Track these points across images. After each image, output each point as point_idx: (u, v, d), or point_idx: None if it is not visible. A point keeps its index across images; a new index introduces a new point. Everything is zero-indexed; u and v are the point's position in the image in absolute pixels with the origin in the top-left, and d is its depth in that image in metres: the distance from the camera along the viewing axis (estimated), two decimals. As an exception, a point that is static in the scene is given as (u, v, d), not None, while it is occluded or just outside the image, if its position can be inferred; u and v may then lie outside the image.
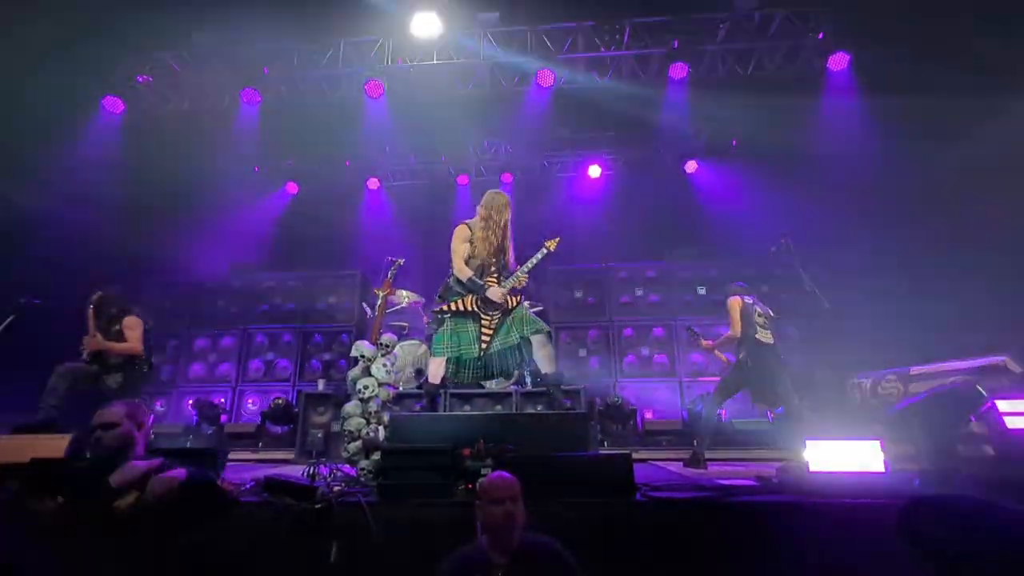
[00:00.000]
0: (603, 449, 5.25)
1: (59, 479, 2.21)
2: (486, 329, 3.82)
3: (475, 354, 3.81)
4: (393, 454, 2.76)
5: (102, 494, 2.08)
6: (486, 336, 3.81)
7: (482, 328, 3.83)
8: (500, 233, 3.96)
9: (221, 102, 7.63)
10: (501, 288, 3.83)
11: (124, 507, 2.04)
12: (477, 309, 3.84)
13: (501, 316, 3.86)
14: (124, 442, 2.25)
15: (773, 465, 3.50)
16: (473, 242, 3.96)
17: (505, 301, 3.85)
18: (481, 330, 3.83)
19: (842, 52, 6.60)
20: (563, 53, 6.99)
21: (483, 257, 3.92)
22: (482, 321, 3.84)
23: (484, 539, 1.96)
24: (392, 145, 9.05)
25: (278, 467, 4.40)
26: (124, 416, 2.26)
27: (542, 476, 2.53)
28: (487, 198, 4.04)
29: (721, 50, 6.98)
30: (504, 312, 3.87)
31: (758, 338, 4.33)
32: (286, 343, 7.38)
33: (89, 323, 4.22)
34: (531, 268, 3.92)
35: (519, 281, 3.89)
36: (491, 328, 3.83)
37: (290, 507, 2.46)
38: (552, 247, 3.98)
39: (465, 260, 3.93)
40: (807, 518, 2.38)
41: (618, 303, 7.19)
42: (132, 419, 2.27)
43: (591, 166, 8.96)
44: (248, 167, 9.03)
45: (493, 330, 3.83)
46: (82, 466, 2.25)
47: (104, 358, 4.22)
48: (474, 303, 3.85)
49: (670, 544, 2.38)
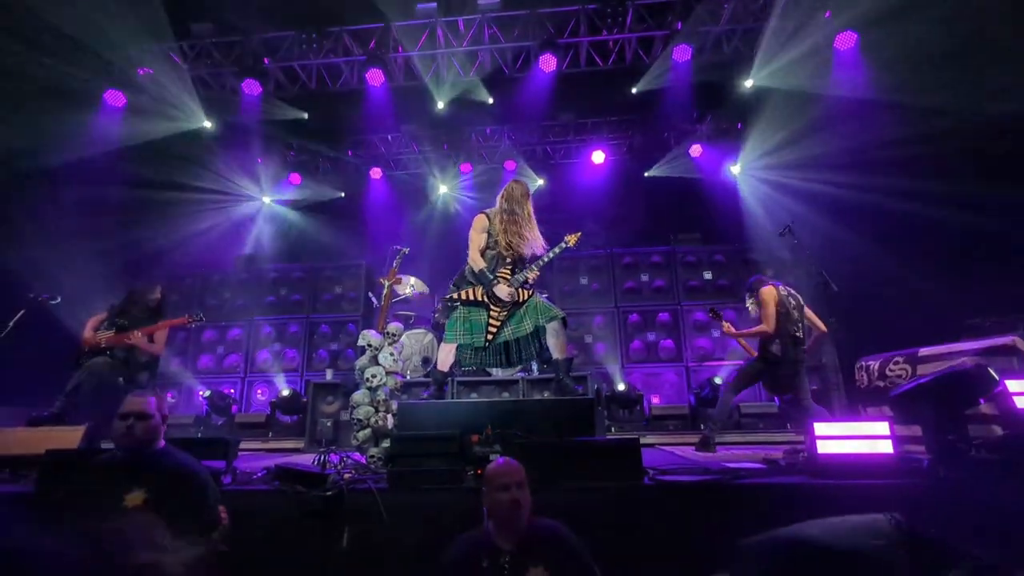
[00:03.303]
0: (610, 435, 5.28)
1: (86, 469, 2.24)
2: (493, 320, 3.82)
3: (480, 343, 3.82)
4: (402, 441, 2.78)
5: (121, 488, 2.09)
6: (493, 327, 3.81)
7: (490, 319, 3.84)
8: (524, 223, 3.89)
9: (222, 93, 7.59)
10: (509, 287, 3.80)
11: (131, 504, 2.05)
12: (486, 300, 3.85)
13: (512, 307, 3.85)
14: (154, 434, 2.27)
15: (781, 448, 3.51)
16: (492, 233, 3.91)
17: (515, 296, 3.82)
18: (489, 321, 3.83)
19: (850, 31, 6.47)
20: (565, 37, 6.90)
21: (501, 248, 3.88)
22: (490, 312, 3.84)
23: (490, 524, 1.98)
24: (394, 134, 9.02)
25: (288, 456, 4.46)
26: (156, 408, 2.28)
27: (550, 461, 2.55)
28: (507, 189, 3.98)
29: (725, 31, 6.87)
30: (515, 304, 3.85)
31: (796, 335, 4.14)
32: (293, 333, 7.43)
33: None
34: (546, 263, 3.89)
35: (531, 275, 3.84)
36: (498, 320, 3.82)
37: (302, 495, 2.49)
38: (573, 242, 3.93)
39: (481, 251, 3.90)
40: (815, 500, 2.39)
41: (623, 289, 7.18)
42: (159, 411, 2.30)
43: (595, 152, 8.89)
44: (251, 158, 9.02)
45: (500, 322, 3.82)
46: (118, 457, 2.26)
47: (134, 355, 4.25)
48: (483, 294, 3.85)
49: (678, 527, 2.40)
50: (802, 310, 4.33)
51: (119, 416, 2.23)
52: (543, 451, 2.63)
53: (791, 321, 4.19)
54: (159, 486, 2.10)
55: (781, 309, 4.21)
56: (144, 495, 2.07)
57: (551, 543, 1.92)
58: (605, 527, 2.34)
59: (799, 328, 4.22)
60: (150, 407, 2.26)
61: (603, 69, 7.15)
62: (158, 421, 2.29)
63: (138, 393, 2.34)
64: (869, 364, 4.07)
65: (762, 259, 7.08)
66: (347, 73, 7.43)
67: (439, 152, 9.22)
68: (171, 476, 2.16)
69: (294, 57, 7.23)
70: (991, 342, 3.40)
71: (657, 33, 6.87)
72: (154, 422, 2.26)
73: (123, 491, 2.06)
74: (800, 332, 4.22)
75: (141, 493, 2.07)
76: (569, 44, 6.99)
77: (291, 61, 7.26)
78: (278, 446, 5.22)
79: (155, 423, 2.27)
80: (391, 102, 7.59)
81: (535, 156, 9.25)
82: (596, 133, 9.01)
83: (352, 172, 9.48)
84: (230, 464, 2.92)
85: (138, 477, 2.12)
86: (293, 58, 7.23)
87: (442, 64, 7.25)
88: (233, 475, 2.84)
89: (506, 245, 3.86)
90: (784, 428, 5.40)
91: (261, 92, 7.30)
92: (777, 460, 2.98)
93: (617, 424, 5.75)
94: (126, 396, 2.31)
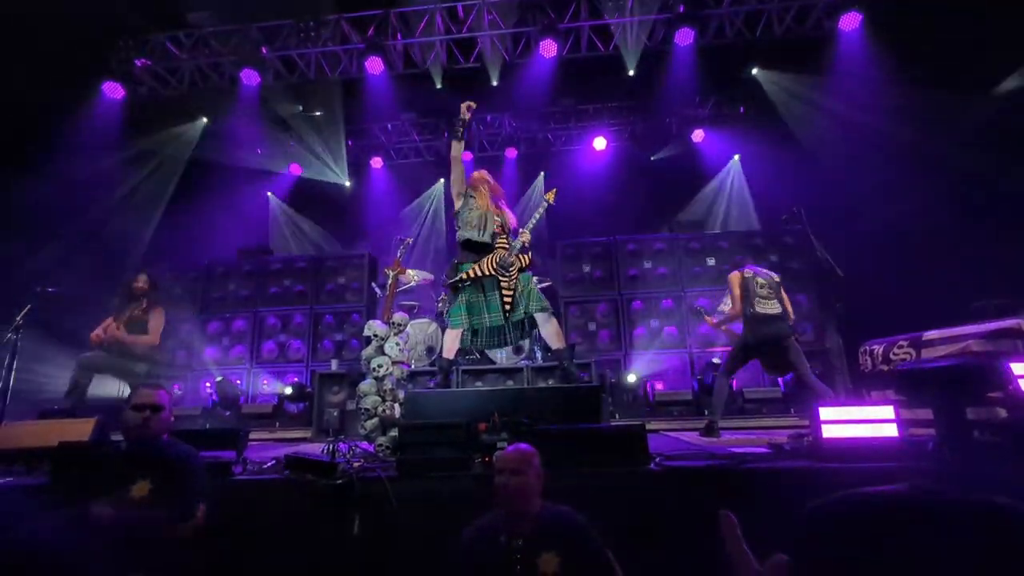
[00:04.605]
0: (615, 421, 5.31)
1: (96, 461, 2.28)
2: (507, 291, 3.86)
3: (497, 321, 3.89)
4: (410, 430, 2.81)
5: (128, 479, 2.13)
6: (508, 297, 3.85)
7: (503, 292, 3.86)
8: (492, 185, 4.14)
9: (221, 84, 7.54)
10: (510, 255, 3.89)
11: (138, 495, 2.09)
12: (494, 272, 3.87)
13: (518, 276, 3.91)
14: (165, 427, 2.31)
15: (786, 432, 3.53)
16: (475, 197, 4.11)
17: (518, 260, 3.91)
18: (503, 294, 3.86)
19: (854, 11, 6.39)
20: (565, 22, 6.82)
21: (483, 210, 4.02)
22: (501, 283, 3.86)
23: (502, 510, 2.00)
24: (394, 123, 8.97)
25: (297, 446, 4.50)
26: (167, 402, 2.32)
27: (557, 447, 2.57)
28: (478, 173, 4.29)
29: (729, 13, 6.77)
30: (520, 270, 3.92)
31: (758, 311, 4.34)
32: (297, 324, 7.46)
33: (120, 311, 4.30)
34: (535, 224, 4.04)
35: (525, 238, 3.98)
36: (511, 289, 3.87)
37: (313, 483, 2.52)
38: (551, 199, 4.10)
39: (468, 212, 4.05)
40: (821, 484, 2.40)
41: (627, 276, 7.17)
42: (168, 405, 2.33)
43: (596, 138, 8.83)
44: (251, 149, 8.99)
45: (513, 291, 3.87)
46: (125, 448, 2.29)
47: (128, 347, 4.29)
48: (490, 265, 3.88)
49: (684, 512, 2.42)
50: (776, 289, 4.46)
51: (133, 407, 2.25)
52: (550, 437, 2.66)
53: (753, 302, 4.36)
54: (164, 476, 2.15)
55: (744, 292, 4.42)
56: (150, 485, 2.12)
57: (563, 529, 1.94)
58: (613, 513, 2.36)
59: (767, 307, 4.36)
60: (162, 399, 2.29)
61: (604, 54, 7.08)
62: (169, 414, 2.33)
63: (149, 385, 2.37)
64: (873, 348, 4.08)
65: (766, 244, 7.05)
66: (346, 61, 7.36)
67: (440, 140, 9.17)
68: (175, 467, 2.20)
69: (292, 46, 7.16)
70: (996, 325, 3.40)
71: (659, 16, 6.78)
72: (165, 414, 2.30)
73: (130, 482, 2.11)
74: (768, 311, 4.34)
75: (147, 483, 2.12)
76: (570, 29, 6.91)
77: (289, 50, 7.19)
78: (286, 436, 5.26)
79: (166, 415, 2.31)
80: (391, 90, 7.54)
81: (536, 143, 9.19)
82: (597, 119, 8.95)
83: (353, 161, 9.45)
84: (240, 454, 2.96)
85: (143, 468, 2.16)
86: (291, 47, 7.17)
87: (441, 51, 7.18)
88: (244, 465, 2.87)
89: (495, 212, 4.03)
90: (788, 413, 5.42)
91: (260, 82, 7.26)
92: (782, 444, 2.99)
93: (621, 410, 5.78)
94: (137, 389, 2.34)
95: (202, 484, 2.24)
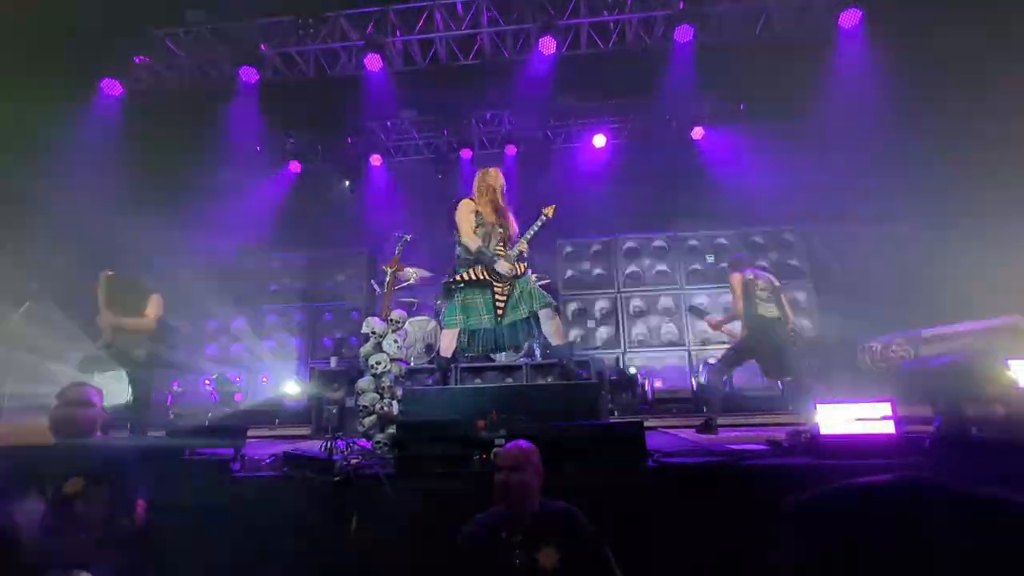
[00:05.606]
0: (613, 418, 5.31)
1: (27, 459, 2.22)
2: (500, 297, 3.88)
3: (491, 324, 3.90)
4: (409, 427, 2.81)
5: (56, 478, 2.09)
6: (500, 303, 3.87)
7: (496, 297, 3.88)
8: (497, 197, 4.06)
9: (220, 81, 7.52)
10: (508, 262, 3.89)
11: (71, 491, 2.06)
12: (488, 277, 3.89)
13: (512, 282, 3.92)
14: (96, 423, 2.27)
15: (783, 429, 3.53)
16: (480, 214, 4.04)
17: (515, 270, 3.92)
18: (495, 299, 3.88)
19: (854, 8, 6.37)
20: (565, 19, 6.80)
21: (488, 228, 4.00)
22: (495, 289, 3.89)
23: (502, 506, 2.00)
24: (393, 120, 8.94)
25: (295, 443, 4.50)
26: (96, 398, 2.27)
27: (555, 445, 2.56)
28: (487, 175, 4.15)
29: (729, 10, 6.76)
30: (515, 278, 3.92)
31: (760, 314, 4.38)
32: (297, 322, 7.47)
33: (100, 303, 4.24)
34: (531, 236, 4.03)
35: (523, 247, 3.98)
36: (504, 295, 3.89)
37: (310, 480, 2.53)
38: (550, 214, 4.08)
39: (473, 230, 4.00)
40: (818, 481, 2.41)
41: (626, 273, 7.17)
42: (99, 402, 2.28)
43: (596, 135, 8.81)
44: (250, 147, 8.95)
45: (507, 296, 3.90)
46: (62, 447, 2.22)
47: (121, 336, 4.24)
48: (484, 272, 3.89)
49: (682, 508, 2.43)
50: (776, 293, 4.50)
51: (61, 403, 2.21)
52: (548, 435, 2.65)
53: (756, 305, 4.39)
54: (97, 473, 2.12)
55: (746, 294, 4.45)
56: (83, 482, 2.09)
57: (562, 525, 1.95)
58: (611, 510, 2.36)
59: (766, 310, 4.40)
60: (91, 396, 2.25)
61: (604, 51, 7.06)
62: (98, 411, 2.29)
63: (78, 383, 2.33)
64: (872, 345, 4.09)
65: (766, 242, 7.05)
66: (345, 59, 7.35)
67: (439, 138, 9.15)
68: (107, 464, 2.17)
69: (291, 43, 7.14)
70: (994, 322, 3.41)
71: (659, 13, 6.76)
72: (94, 411, 2.25)
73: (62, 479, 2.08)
74: (767, 314, 4.39)
75: (80, 480, 2.09)
76: (569, 26, 6.88)
77: (288, 47, 7.18)
78: (284, 433, 5.27)
79: (95, 412, 2.26)
80: (390, 88, 7.52)
81: (536, 140, 9.16)
82: (597, 116, 8.92)
83: (352, 159, 9.42)
84: (239, 451, 2.95)
85: (75, 465, 2.13)
86: (290, 44, 7.15)
87: (441, 48, 7.16)
88: (242, 462, 2.87)
89: (498, 224, 4.00)
90: (786, 410, 5.42)
91: (258, 79, 7.23)
92: (780, 441, 2.99)
93: (620, 407, 5.78)
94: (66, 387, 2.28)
95: (139, 481, 2.20)
